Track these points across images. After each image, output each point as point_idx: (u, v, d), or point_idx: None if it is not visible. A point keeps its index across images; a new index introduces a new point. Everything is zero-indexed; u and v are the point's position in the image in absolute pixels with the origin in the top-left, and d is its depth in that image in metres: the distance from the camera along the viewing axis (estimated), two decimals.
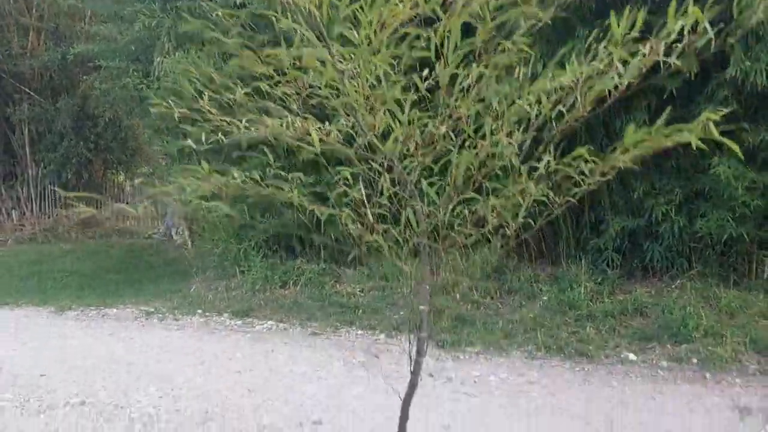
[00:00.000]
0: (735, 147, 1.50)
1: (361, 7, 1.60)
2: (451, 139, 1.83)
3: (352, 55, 1.73)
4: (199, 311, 6.85)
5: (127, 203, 14.14)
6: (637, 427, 3.69)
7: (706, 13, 1.56)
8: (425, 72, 1.86)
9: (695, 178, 5.83)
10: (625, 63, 1.63)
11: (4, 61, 12.62)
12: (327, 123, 1.98)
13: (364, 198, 1.82)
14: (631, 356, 4.79)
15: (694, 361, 4.61)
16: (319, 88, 1.86)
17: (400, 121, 1.68)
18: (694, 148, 1.77)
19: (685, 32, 1.65)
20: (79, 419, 3.93)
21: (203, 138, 2.07)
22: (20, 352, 5.51)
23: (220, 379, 4.70)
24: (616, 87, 1.67)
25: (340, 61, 1.75)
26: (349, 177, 1.84)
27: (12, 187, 13.32)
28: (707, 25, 1.57)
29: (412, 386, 1.84)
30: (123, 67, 9.34)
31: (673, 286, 5.94)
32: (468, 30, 1.72)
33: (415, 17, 1.67)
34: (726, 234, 5.61)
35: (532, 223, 1.92)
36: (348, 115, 1.82)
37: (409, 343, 1.99)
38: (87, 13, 12.49)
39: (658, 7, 2.14)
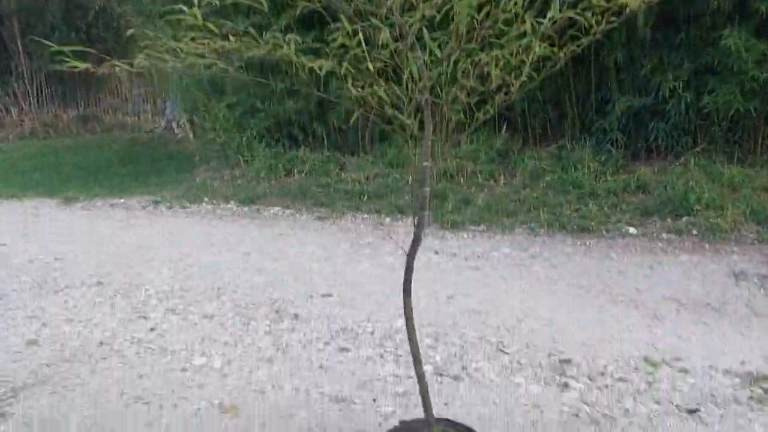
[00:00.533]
0: None
1: None
2: None
3: None
4: (206, 199, 6.93)
5: (124, 95, 13.93)
6: (634, 293, 3.81)
7: None
8: None
9: (705, 51, 5.67)
10: None
11: None
12: None
13: (366, 52, 1.77)
14: (632, 230, 4.87)
15: (694, 232, 4.69)
16: None
17: None
18: None
19: None
20: (96, 297, 4.08)
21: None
22: (32, 239, 5.64)
23: (231, 260, 4.83)
24: None
25: None
26: (349, 30, 1.78)
27: (8, 83, 13.09)
28: None
29: (416, 240, 1.88)
30: None
31: (676, 164, 5.93)
32: None
33: None
34: (733, 109, 5.54)
35: (535, 75, 1.88)
36: None
37: (414, 209, 2.02)
38: None
39: None
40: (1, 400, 2.85)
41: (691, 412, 2.56)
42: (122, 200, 7.13)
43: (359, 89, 1.91)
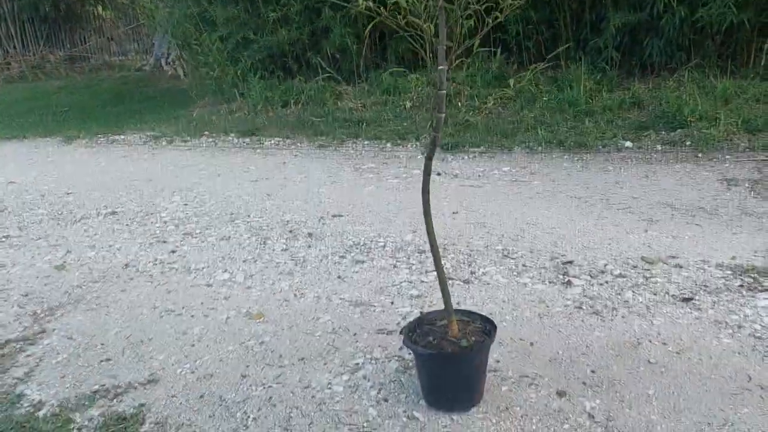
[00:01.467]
0: None
1: None
2: None
3: None
4: (206, 133, 6.99)
5: (110, 35, 13.67)
6: (630, 201, 3.99)
7: None
8: None
9: None
10: None
11: None
12: None
13: None
14: (628, 143, 5.01)
15: (688, 143, 4.83)
16: None
17: None
18: None
19: None
20: (114, 225, 4.23)
21: None
22: (41, 175, 5.74)
23: (239, 187, 4.96)
24: None
25: None
26: None
27: None
28: None
29: (433, 144, 2.01)
30: None
31: (670, 80, 6.02)
32: None
33: None
34: (727, 22, 5.58)
35: None
36: None
37: (430, 129, 2.12)
38: None
39: None
40: (41, 318, 3.03)
41: (686, 300, 2.77)
42: (122, 136, 7.18)
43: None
